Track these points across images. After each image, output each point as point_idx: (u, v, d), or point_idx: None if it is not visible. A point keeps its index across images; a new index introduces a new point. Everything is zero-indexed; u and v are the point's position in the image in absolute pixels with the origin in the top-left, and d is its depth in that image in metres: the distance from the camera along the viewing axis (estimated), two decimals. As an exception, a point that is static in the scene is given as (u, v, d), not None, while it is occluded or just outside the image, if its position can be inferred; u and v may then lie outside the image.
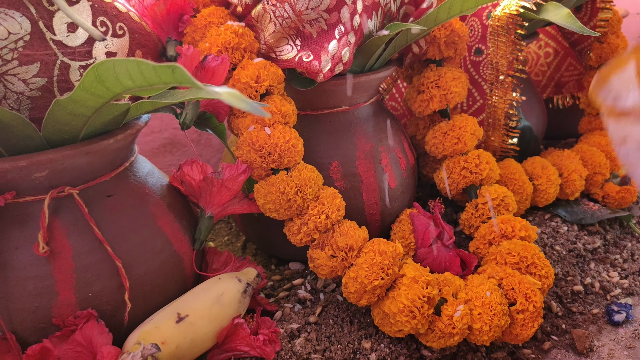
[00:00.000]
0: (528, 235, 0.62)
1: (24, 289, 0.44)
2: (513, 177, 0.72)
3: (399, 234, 0.64)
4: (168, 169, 0.86)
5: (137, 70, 0.34)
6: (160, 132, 0.83)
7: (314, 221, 0.53)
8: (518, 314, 0.54)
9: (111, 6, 0.47)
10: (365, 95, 0.63)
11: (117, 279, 0.46)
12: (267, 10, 0.54)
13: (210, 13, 0.56)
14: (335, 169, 0.61)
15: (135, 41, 0.50)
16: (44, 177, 0.44)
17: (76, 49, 0.44)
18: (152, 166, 0.56)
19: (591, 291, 0.67)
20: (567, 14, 0.60)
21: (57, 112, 0.40)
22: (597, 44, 0.81)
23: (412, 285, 0.52)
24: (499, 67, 0.69)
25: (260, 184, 0.54)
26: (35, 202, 0.45)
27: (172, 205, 0.53)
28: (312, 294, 0.62)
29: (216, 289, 0.51)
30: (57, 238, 0.45)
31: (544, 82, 0.98)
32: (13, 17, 0.40)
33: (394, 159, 0.65)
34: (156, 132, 0.82)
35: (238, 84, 0.53)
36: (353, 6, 0.55)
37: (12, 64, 0.41)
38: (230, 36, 0.53)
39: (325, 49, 0.55)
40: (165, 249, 0.50)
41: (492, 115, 0.73)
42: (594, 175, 0.77)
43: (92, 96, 0.38)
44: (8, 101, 0.42)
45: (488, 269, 0.58)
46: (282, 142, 0.52)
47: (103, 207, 0.47)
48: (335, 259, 0.53)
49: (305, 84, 0.57)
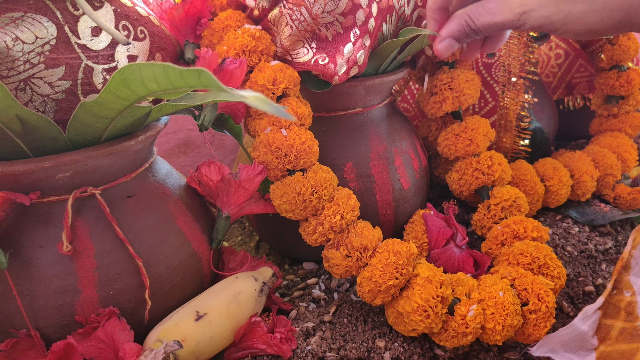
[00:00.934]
0: (540, 236, 0.63)
1: (48, 287, 0.45)
2: (525, 179, 0.73)
3: (412, 235, 0.64)
4: (182, 169, 0.87)
5: (164, 74, 0.35)
6: (175, 133, 0.84)
7: (329, 221, 0.54)
8: (531, 314, 0.54)
9: (133, 10, 0.48)
10: (378, 97, 0.64)
11: (138, 278, 0.47)
12: (283, 13, 0.55)
13: (227, 16, 0.57)
14: (349, 170, 0.62)
15: (155, 44, 0.51)
16: (68, 178, 0.45)
17: (99, 52, 0.45)
18: (170, 167, 0.57)
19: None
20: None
21: (82, 114, 0.41)
22: (608, 45, 0.82)
23: (426, 285, 0.52)
24: (511, 69, 0.70)
25: (276, 185, 0.55)
26: (59, 202, 0.46)
27: (190, 205, 0.54)
28: (326, 294, 0.63)
29: (233, 288, 0.52)
30: (80, 237, 0.46)
31: (555, 83, 0.98)
32: (40, 22, 0.42)
33: (407, 160, 0.66)
34: (170, 133, 0.83)
35: (255, 87, 0.54)
36: (368, 9, 0.55)
37: (39, 68, 0.42)
38: (248, 39, 0.54)
39: (340, 52, 0.55)
40: (184, 248, 0.51)
41: (503, 116, 0.74)
42: (605, 176, 0.78)
43: (117, 99, 0.39)
44: (34, 104, 0.43)
45: (501, 269, 0.59)
46: (298, 144, 0.53)
47: (124, 207, 0.48)
48: (350, 259, 0.54)
49: (320, 86, 0.58)
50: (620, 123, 0.84)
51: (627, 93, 0.82)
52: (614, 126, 0.84)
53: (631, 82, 0.81)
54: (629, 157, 0.79)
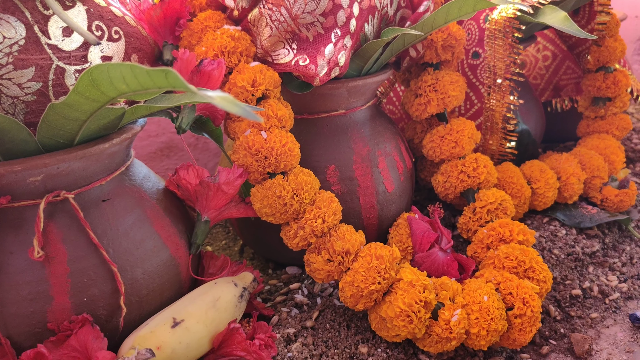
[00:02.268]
0: (526, 239, 0.62)
1: (19, 294, 0.43)
2: (511, 181, 0.72)
3: (397, 238, 0.63)
4: (165, 172, 0.86)
5: (131, 75, 0.34)
6: (157, 136, 0.83)
7: (310, 225, 0.53)
8: (516, 319, 0.54)
9: (107, 10, 0.47)
10: (362, 99, 0.63)
11: (113, 284, 0.46)
12: (263, 14, 0.54)
13: (206, 17, 0.56)
14: (332, 173, 0.61)
15: (132, 45, 0.50)
16: (39, 182, 0.44)
17: (71, 53, 0.44)
18: (148, 170, 0.56)
19: (590, 295, 0.66)
20: (564, 17, 0.60)
21: (52, 116, 0.40)
22: (595, 47, 0.81)
23: (409, 289, 0.51)
24: (497, 70, 0.69)
25: (256, 188, 0.54)
26: (30, 206, 0.44)
27: (169, 209, 0.53)
28: (309, 298, 0.62)
29: (212, 294, 0.51)
30: (52, 242, 0.44)
31: (543, 85, 0.98)
32: (8, 22, 0.40)
33: (391, 163, 0.65)
34: (153, 136, 0.82)
35: (234, 88, 0.53)
36: (349, 10, 0.55)
37: (7, 69, 0.41)
38: (227, 40, 0.53)
39: (321, 53, 0.55)
40: (161, 253, 0.50)
41: (489, 118, 0.73)
42: (593, 178, 0.77)
43: (87, 100, 0.38)
44: (3, 105, 0.42)
45: (486, 273, 0.58)
46: (278, 146, 0.52)
47: (99, 211, 0.47)
48: (332, 263, 0.53)
49: (301, 87, 0.57)
50: (607, 125, 0.83)
51: (613, 95, 0.82)
52: (601, 128, 0.84)
53: (618, 83, 0.81)
54: (616, 159, 0.79)
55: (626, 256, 0.74)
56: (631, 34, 1.25)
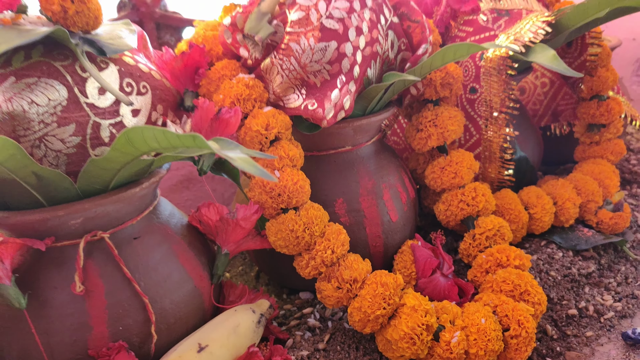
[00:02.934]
0: (522, 263, 0.66)
1: (63, 324, 0.49)
2: (509, 207, 0.76)
3: (401, 264, 0.68)
4: (185, 203, 0.91)
5: (163, 137, 0.39)
6: (178, 170, 0.89)
7: (320, 256, 0.58)
8: (512, 339, 0.58)
9: (135, 68, 0.53)
10: (366, 136, 0.69)
11: (144, 314, 0.51)
12: (275, 63, 0.59)
13: (223, 66, 0.62)
14: (340, 205, 0.66)
15: (157, 97, 0.55)
16: (79, 224, 0.49)
17: (106, 109, 0.50)
18: (172, 207, 0.61)
19: (585, 314, 0.70)
20: (553, 55, 0.65)
21: (91, 168, 0.46)
22: (587, 77, 0.86)
23: (412, 313, 0.56)
24: (493, 104, 0.74)
25: (271, 223, 0.59)
26: (71, 245, 0.50)
27: (192, 243, 0.58)
28: (321, 322, 0.66)
29: (233, 320, 0.56)
30: (91, 278, 0.50)
31: (542, 110, 1.02)
32: (52, 86, 0.46)
33: (394, 194, 0.70)
34: (174, 170, 0.88)
35: (250, 132, 0.58)
36: (353, 58, 0.60)
37: (52, 127, 0.47)
38: (242, 89, 0.59)
39: (328, 97, 0.60)
40: (187, 284, 0.55)
41: (488, 148, 0.78)
42: (588, 202, 0.81)
43: (122, 154, 0.44)
44: (48, 158, 0.47)
45: (484, 296, 0.63)
46: (290, 184, 0.57)
47: (131, 248, 0.53)
48: (341, 291, 0.58)
49: (311, 128, 0.63)
50: (602, 150, 0.88)
51: (607, 121, 0.86)
52: (596, 153, 0.88)
53: (611, 111, 0.85)
54: (610, 183, 0.83)
55: (621, 276, 0.78)
56: (630, 55, 1.30)
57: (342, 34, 0.58)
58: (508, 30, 0.73)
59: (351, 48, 0.59)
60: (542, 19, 0.71)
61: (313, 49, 0.58)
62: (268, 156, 0.40)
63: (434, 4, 0.76)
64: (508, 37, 0.70)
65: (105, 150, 0.50)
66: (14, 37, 0.42)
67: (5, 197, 0.48)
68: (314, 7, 0.58)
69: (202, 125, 0.55)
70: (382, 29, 0.63)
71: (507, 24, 0.75)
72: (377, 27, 0.62)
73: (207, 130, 0.55)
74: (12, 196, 0.47)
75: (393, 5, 0.65)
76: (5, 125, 0.44)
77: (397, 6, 0.65)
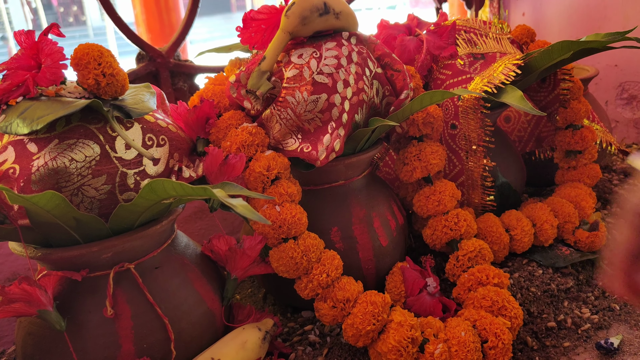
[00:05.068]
0: (501, 281, 0.74)
1: (96, 343, 0.58)
2: (491, 230, 0.84)
3: (392, 284, 0.76)
4: (198, 232, 1.00)
5: (180, 187, 0.48)
6: (191, 203, 0.98)
7: (317, 279, 0.66)
8: (490, 350, 0.65)
9: (155, 124, 0.63)
10: (357, 170, 0.77)
11: (165, 333, 0.60)
12: (274, 113, 0.69)
13: (230, 116, 0.71)
14: (335, 233, 0.75)
15: (174, 146, 0.65)
16: (109, 257, 0.58)
17: (131, 160, 0.59)
18: (187, 239, 0.70)
19: (564, 326, 0.77)
20: (520, 97, 0.74)
21: (121, 212, 0.55)
22: (562, 109, 0.94)
23: (398, 328, 0.64)
24: (471, 139, 0.83)
25: (273, 251, 0.68)
26: (102, 275, 0.59)
27: (205, 270, 0.67)
28: (320, 338, 0.75)
29: (241, 337, 0.64)
30: (120, 303, 0.59)
31: (526, 137, 1.10)
32: (88, 145, 0.56)
33: (384, 222, 0.78)
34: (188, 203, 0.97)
35: (253, 173, 0.67)
36: (341, 106, 0.69)
37: (87, 178, 0.56)
38: (246, 136, 0.68)
39: (321, 141, 0.69)
40: (201, 307, 0.64)
41: (470, 177, 0.86)
42: (565, 223, 0.89)
43: (146, 201, 0.53)
44: (84, 204, 0.57)
45: (465, 312, 0.70)
46: (289, 217, 0.66)
47: (152, 276, 0.62)
48: (336, 309, 0.66)
49: (307, 167, 0.72)
50: (579, 174, 0.95)
51: (582, 148, 0.94)
52: (574, 177, 0.96)
53: (585, 138, 0.93)
54: (586, 205, 0.90)
55: (599, 290, 0.84)
56: (613, 80, 1.38)
57: (331, 86, 0.68)
58: (483, 72, 0.82)
59: (339, 98, 0.68)
60: (513, 62, 0.80)
61: (306, 100, 0.67)
62: (268, 197, 0.49)
63: (417, 51, 0.85)
64: (482, 79, 0.79)
65: (131, 194, 0.59)
66: (58, 109, 0.52)
67: (49, 237, 0.57)
68: (306, 65, 0.67)
69: (212, 169, 0.64)
70: (368, 79, 0.72)
71: (483, 66, 0.84)
72: (362, 78, 0.71)
73: (217, 173, 0.64)
74: (54, 236, 0.57)
75: (377, 57, 0.74)
76: (51, 179, 0.54)
77: (381, 58, 0.75)
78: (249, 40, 0.71)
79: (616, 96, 1.38)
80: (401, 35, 0.88)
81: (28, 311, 0.55)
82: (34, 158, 0.54)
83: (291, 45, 0.71)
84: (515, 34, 0.96)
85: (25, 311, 0.55)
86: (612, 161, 1.27)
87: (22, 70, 0.56)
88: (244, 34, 0.70)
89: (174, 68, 1.06)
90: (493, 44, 0.86)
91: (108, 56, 0.56)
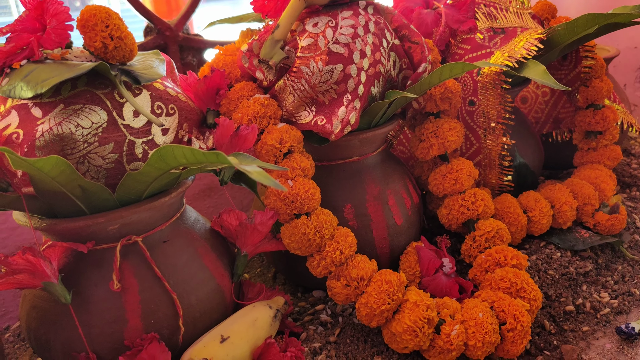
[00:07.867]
0: (519, 263, 0.72)
1: (102, 318, 0.56)
2: (509, 211, 0.82)
3: (406, 264, 0.74)
4: (208, 210, 0.98)
5: (191, 154, 0.46)
6: (201, 180, 0.96)
7: (330, 257, 0.64)
8: (508, 332, 0.63)
9: (164, 92, 0.60)
10: (372, 147, 0.75)
11: (173, 308, 0.58)
12: (287, 84, 0.66)
13: (241, 87, 0.68)
14: (349, 211, 0.72)
15: (183, 116, 0.62)
16: (116, 229, 0.56)
17: (139, 129, 0.57)
18: (197, 214, 0.68)
19: (582, 310, 0.75)
20: (543, 71, 0.71)
21: (128, 181, 0.53)
22: (583, 87, 0.91)
23: (414, 308, 0.62)
24: (490, 115, 0.80)
25: (285, 227, 0.65)
26: (109, 248, 0.57)
27: (215, 246, 0.65)
28: (332, 318, 0.73)
29: (252, 315, 0.62)
30: (126, 277, 0.57)
31: (544, 118, 1.07)
32: (95, 111, 0.53)
33: (399, 200, 0.76)
34: (197, 179, 0.95)
35: (265, 146, 0.65)
36: (357, 78, 0.66)
37: (94, 146, 0.54)
38: (258, 107, 0.65)
39: (335, 114, 0.66)
40: (210, 283, 0.62)
41: (487, 156, 0.83)
42: (585, 205, 0.86)
43: (155, 169, 0.50)
44: (90, 173, 0.55)
45: (483, 293, 0.68)
46: (302, 192, 0.64)
47: (160, 250, 0.60)
48: (349, 288, 0.64)
49: (321, 141, 0.69)
50: (599, 156, 0.92)
51: (603, 129, 0.91)
52: (594, 159, 0.93)
53: (606, 119, 0.90)
54: (606, 187, 0.87)
55: (618, 275, 0.82)
56: (632, 63, 1.34)
57: (347, 57, 0.65)
58: (503, 47, 0.79)
59: (356, 69, 0.66)
60: (535, 37, 0.77)
61: (321, 71, 0.64)
62: (281, 168, 0.47)
63: (434, 25, 0.82)
64: (503, 54, 0.76)
65: (139, 164, 0.57)
66: (64, 71, 0.49)
67: (54, 207, 0.55)
68: (321, 34, 0.64)
69: (223, 141, 0.61)
70: (385, 51, 0.69)
71: (503, 41, 0.80)
72: (379, 49, 0.68)
73: (228, 145, 0.61)
74: (59, 206, 0.54)
75: (394, 28, 0.71)
76: (56, 145, 0.51)
77: (399, 29, 0.72)
78: (262, 7, 0.68)
79: (635, 79, 1.34)
80: (418, 8, 0.85)
81: (32, 283, 0.53)
82: (38, 123, 0.51)
83: (306, 14, 0.68)
84: (536, 10, 0.93)
85: (30, 283, 0.52)
86: (631, 145, 1.23)
87: (27, 32, 0.54)
88: (257, 0, 0.67)
89: (182, 42, 1.03)
90: (514, 18, 0.83)
91: (116, 18, 0.53)
